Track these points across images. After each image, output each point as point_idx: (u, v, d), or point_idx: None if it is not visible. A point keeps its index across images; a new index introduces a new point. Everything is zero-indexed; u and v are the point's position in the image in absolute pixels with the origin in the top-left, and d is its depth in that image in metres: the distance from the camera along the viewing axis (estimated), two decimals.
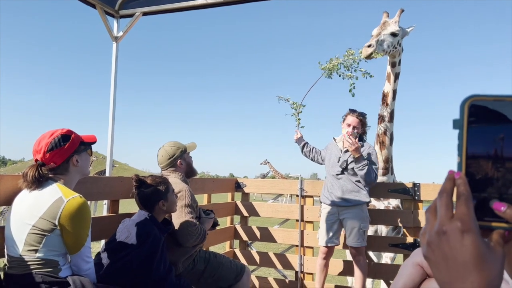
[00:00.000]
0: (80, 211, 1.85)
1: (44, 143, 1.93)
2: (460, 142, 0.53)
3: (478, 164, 0.52)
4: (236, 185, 4.45)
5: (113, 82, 3.83)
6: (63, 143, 1.96)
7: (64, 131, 2.01)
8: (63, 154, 1.96)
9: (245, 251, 4.39)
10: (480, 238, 0.50)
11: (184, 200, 2.57)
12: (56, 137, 1.96)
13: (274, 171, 26.79)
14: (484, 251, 0.49)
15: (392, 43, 3.77)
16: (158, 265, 2.25)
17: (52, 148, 1.93)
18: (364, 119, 3.54)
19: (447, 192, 0.53)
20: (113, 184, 2.78)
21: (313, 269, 4.09)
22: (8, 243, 1.85)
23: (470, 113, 0.52)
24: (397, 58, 3.91)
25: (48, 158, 1.92)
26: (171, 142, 2.84)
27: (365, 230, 3.43)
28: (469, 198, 0.51)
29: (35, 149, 1.95)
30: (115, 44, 3.93)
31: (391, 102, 3.92)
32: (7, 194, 2.00)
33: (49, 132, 2.00)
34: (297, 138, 3.87)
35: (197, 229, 2.55)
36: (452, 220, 0.51)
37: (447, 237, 0.51)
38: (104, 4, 3.68)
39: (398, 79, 3.96)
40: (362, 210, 3.43)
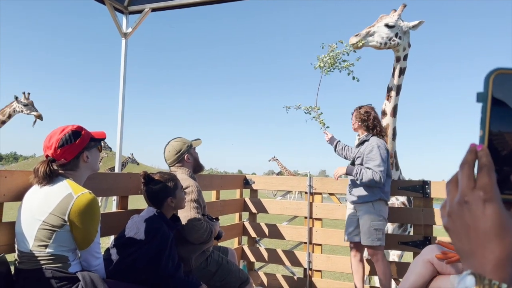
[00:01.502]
0: (89, 207, 1.86)
1: (55, 139, 1.95)
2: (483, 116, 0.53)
3: (501, 137, 0.52)
4: (245, 182, 4.45)
5: (122, 78, 3.84)
6: (74, 139, 1.98)
7: (74, 127, 2.03)
8: (74, 150, 1.98)
9: (254, 248, 4.39)
10: (502, 207, 0.50)
11: (191, 195, 2.57)
12: (67, 133, 1.97)
13: (282, 168, 26.74)
14: (505, 220, 0.50)
15: (388, 35, 3.72)
16: (166, 261, 2.26)
17: (63, 144, 1.95)
18: (358, 112, 3.47)
19: (468, 164, 0.53)
20: (122, 180, 2.80)
21: (322, 266, 4.08)
22: (18, 238, 1.87)
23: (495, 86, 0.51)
24: (401, 52, 3.85)
25: (59, 154, 1.94)
26: (177, 138, 2.87)
27: (377, 229, 3.30)
28: (492, 169, 0.51)
29: (46, 145, 1.97)
30: (124, 40, 3.94)
31: (395, 97, 3.88)
32: (17, 190, 2.02)
33: (59, 128, 2.01)
34: (328, 139, 3.82)
35: (202, 223, 2.56)
36: (474, 190, 0.51)
37: (469, 206, 0.51)
38: (113, 1, 3.69)
39: (403, 74, 3.90)
40: (374, 208, 3.34)
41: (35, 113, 7.20)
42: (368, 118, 3.43)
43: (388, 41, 3.73)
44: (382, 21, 3.76)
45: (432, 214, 3.69)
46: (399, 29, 3.76)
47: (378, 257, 3.37)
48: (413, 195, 3.78)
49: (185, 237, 2.54)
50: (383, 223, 3.35)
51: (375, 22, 3.80)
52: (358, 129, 3.52)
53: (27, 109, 7.15)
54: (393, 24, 3.72)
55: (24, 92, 7.28)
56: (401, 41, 3.79)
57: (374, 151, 3.31)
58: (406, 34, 3.83)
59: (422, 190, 3.71)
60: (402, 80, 3.90)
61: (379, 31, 3.72)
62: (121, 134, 3.97)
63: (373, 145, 3.33)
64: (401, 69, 3.87)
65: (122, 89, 3.86)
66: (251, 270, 4.41)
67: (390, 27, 3.72)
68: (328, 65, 3.52)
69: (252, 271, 4.40)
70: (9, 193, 2.00)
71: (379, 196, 3.34)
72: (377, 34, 3.72)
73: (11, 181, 2.01)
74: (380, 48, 3.76)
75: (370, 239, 3.32)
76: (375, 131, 3.44)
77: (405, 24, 3.80)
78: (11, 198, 2.01)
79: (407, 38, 3.85)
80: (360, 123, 3.46)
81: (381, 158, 3.29)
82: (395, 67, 3.91)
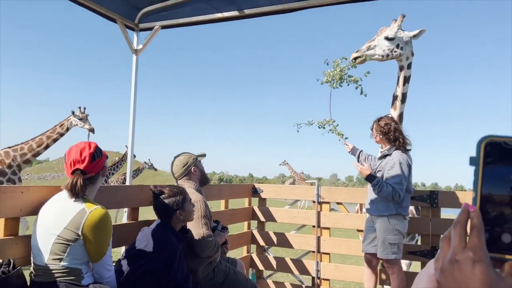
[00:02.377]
0: (101, 221, 1.94)
1: (87, 153, 2.07)
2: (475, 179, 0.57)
3: (492, 199, 0.56)
4: (253, 191, 4.50)
5: (133, 93, 3.96)
6: (101, 155, 2.14)
7: (95, 144, 2.16)
8: (100, 164, 2.13)
9: (262, 256, 4.44)
10: (490, 268, 0.53)
11: (200, 211, 2.65)
12: (95, 148, 2.12)
13: (293, 172, 26.67)
14: (494, 281, 0.52)
15: (389, 47, 3.76)
16: (176, 272, 2.33)
17: (95, 158, 2.08)
18: (377, 125, 3.46)
19: (461, 223, 0.56)
20: (132, 193, 2.88)
21: (330, 275, 4.10)
22: (34, 252, 1.96)
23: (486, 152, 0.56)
24: (404, 62, 3.89)
25: (90, 168, 2.06)
26: (183, 153, 2.99)
27: (392, 243, 3.27)
28: (482, 231, 0.54)
29: (75, 159, 2.05)
30: (135, 56, 4.05)
31: (400, 105, 3.91)
32: (33, 205, 2.11)
33: (85, 143, 2.13)
34: (350, 149, 3.83)
35: (212, 240, 2.64)
36: (464, 250, 0.54)
37: (459, 265, 0.54)
38: (125, 19, 3.81)
39: (408, 82, 3.93)
40: (389, 222, 3.30)
41: (87, 127, 7.69)
42: (389, 130, 3.37)
43: (390, 53, 3.77)
44: (382, 34, 3.80)
45: (439, 223, 3.70)
46: (399, 40, 3.79)
47: (394, 270, 3.36)
48: (420, 205, 3.79)
49: (197, 253, 2.61)
50: (399, 238, 3.30)
51: (375, 36, 3.85)
52: (380, 142, 3.49)
53: (82, 123, 7.65)
54: (392, 36, 3.76)
55: (79, 107, 7.85)
56: (403, 51, 3.82)
57: (395, 168, 3.26)
58: (407, 44, 3.86)
59: (429, 200, 3.72)
60: (407, 89, 3.93)
61: (380, 44, 3.77)
62: (132, 144, 4.07)
63: (395, 161, 3.29)
64: (405, 77, 3.91)
65: (132, 102, 3.97)
66: (259, 278, 4.45)
67: (390, 39, 3.76)
68: (336, 79, 3.56)
69: (260, 279, 4.45)
70: (26, 208, 2.09)
71: (395, 211, 3.30)
72: (378, 47, 3.76)
73: (27, 196, 2.11)
74: (383, 60, 3.80)
75: (385, 253, 3.31)
76: (397, 143, 3.37)
77: (406, 34, 3.84)
78: (27, 212, 2.10)
79: (409, 48, 3.88)
80: (382, 136, 3.42)
81: (402, 175, 3.24)
82: (399, 76, 3.95)
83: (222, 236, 2.87)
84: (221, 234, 2.87)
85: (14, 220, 2.09)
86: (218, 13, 3.73)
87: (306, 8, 3.63)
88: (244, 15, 3.61)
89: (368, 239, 3.51)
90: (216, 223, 2.90)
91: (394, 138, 3.39)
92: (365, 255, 3.58)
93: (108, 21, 3.68)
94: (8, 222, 2.06)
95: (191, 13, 3.76)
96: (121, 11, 3.79)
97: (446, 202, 3.72)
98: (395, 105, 3.92)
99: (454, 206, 3.71)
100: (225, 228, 2.93)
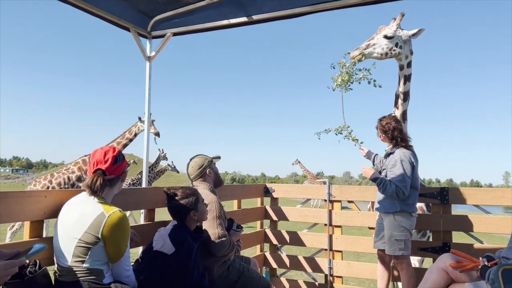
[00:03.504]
0: (120, 224, 2.04)
1: (110, 155, 2.18)
2: None
3: None
4: (265, 190, 4.58)
5: (147, 98, 4.08)
6: (123, 159, 2.25)
7: (120, 150, 2.28)
8: (121, 168, 2.24)
9: (275, 255, 4.51)
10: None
11: (215, 212, 2.74)
12: (118, 152, 2.23)
13: (305, 171, 26.64)
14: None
15: (388, 46, 3.79)
16: (192, 271, 2.42)
17: (117, 161, 2.19)
18: (380, 124, 3.55)
19: None
20: (149, 194, 2.99)
21: (343, 273, 4.16)
22: (57, 254, 2.06)
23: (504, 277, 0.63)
24: (404, 61, 3.92)
25: (112, 169, 2.17)
26: (199, 155, 3.08)
27: (398, 240, 3.33)
28: None
29: (98, 160, 2.17)
30: (148, 63, 4.17)
31: (402, 103, 3.94)
32: (56, 208, 2.22)
33: (110, 147, 2.24)
34: (365, 153, 3.89)
35: (227, 240, 2.73)
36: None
37: None
38: (138, 27, 3.94)
39: (409, 81, 3.96)
40: (395, 219, 3.37)
41: (153, 131, 8.15)
42: (389, 129, 3.48)
43: (389, 51, 3.81)
44: (381, 32, 3.83)
45: (450, 220, 3.72)
46: (398, 39, 3.83)
47: (403, 266, 3.42)
48: (431, 202, 3.82)
49: (212, 253, 2.71)
50: (405, 234, 3.35)
51: (374, 35, 3.88)
52: (384, 141, 3.59)
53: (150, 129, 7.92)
54: (391, 35, 3.79)
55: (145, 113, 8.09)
56: (402, 50, 3.85)
57: (397, 166, 3.34)
58: (406, 42, 3.89)
59: (440, 197, 3.75)
60: (408, 87, 3.96)
61: (379, 42, 3.80)
62: (147, 148, 4.18)
63: (396, 159, 3.37)
64: (406, 76, 3.94)
65: (147, 106, 4.09)
66: (273, 276, 4.53)
67: (389, 38, 3.79)
68: (345, 81, 3.58)
69: (274, 277, 4.53)
70: (48, 211, 2.21)
71: (399, 208, 3.35)
72: (377, 45, 3.80)
73: (50, 199, 2.23)
74: (382, 58, 3.83)
75: (392, 249, 3.37)
76: (394, 141, 3.48)
77: (405, 33, 3.87)
78: (50, 215, 2.22)
79: (408, 46, 3.91)
80: (384, 135, 3.53)
81: (404, 173, 3.30)
82: (399, 75, 3.99)
83: (237, 235, 2.97)
84: (236, 234, 2.96)
85: (39, 223, 2.21)
86: (227, 20, 3.83)
87: (313, 12, 3.68)
88: (252, 21, 3.70)
89: (379, 235, 3.59)
90: (230, 222, 3.00)
91: (391, 137, 3.49)
92: (378, 251, 3.65)
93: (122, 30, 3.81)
94: (33, 224, 2.18)
95: (201, 20, 3.87)
96: (134, 20, 3.92)
97: (457, 199, 3.74)
98: (398, 104, 3.97)
99: (464, 202, 3.73)
100: (240, 227, 3.03)
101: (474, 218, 3.65)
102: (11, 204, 2.04)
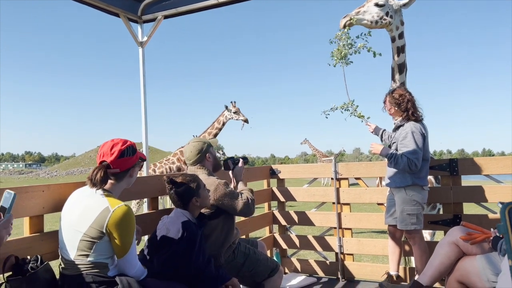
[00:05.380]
0: (125, 218, 1.98)
1: (117, 148, 2.10)
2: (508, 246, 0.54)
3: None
4: (271, 172, 4.54)
5: (142, 85, 4.01)
6: (132, 154, 2.16)
7: (132, 143, 2.19)
8: (129, 163, 2.15)
9: (285, 235, 4.50)
10: None
11: (224, 190, 2.73)
12: (128, 146, 2.14)
13: (314, 150, 26.61)
14: None
15: (378, 14, 3.68)
16: (197, 257, 2.39)
17: (123, 155, 2.11)
18: (391, 97, 3.43)
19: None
20: (151, 183, 2.96)
21: (353, 250, 4.13)
22: (61, 247, 2.04)
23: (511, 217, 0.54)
24: (395, 32, 3.82)
25: (117, 163, 2.09)
26: (195, 139, 2.98)
27: (410, 214, 3.28)
28: None
29: (105, 152, 2.10)
30: (141, 49, 4.08)
31: (399, 76, 3.86)
32: (55, 202, 2.20)
33: (120, 139, 2.16)
34: (373, 129, 3.80)
35: (242, 197, 2.78)
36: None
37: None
38: (127, 12, 3.83)
39: (403, 52, 3.86)
40: (406, 193, 3.31)
41: (242, 118, 8.30)
42: (403, 101, 3.37)
43: (379, 20, 3.70)
44: (372, 0, 3.72)
45: (461, 191, 3.65)
46: (389, 8, 3.73)
47: (415, 240, 3.37)
48: (440, 174, 3.74)
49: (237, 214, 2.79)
50: (417, 208, 3.30)
51: (365, 3, 3.79)
52: (395, 114, 3.48)
53: (236, 115, 8.33)
54: (383, 2, 3.69)
55: (231, 101, 8.50)
56: (392, 19, 3.75)
57: (408, 138, 3.26)
58: (397, 12, 3.78)
59: (449, 169, 3.67)
60: (403, 58, 3.87)
61: (369, 10, 3.70)
62: (146, 134, 4.14)
63: (407, 131, 3.29)
64: (399, 48, 3.85)
65: (143, 93, 4.02)
66: (284, 257, 4.52)
67: (380, 6, 3.68)
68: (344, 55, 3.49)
69: (285, 258, 4.52)
70: (48, 205, 2.19)
71: (411, 182, 3.29)
72: (367, 13, 3.70)
73: (48, 194, 2.20)
74: (372, 26, 3.73)
75: (404, 224, 3.33)
76: (406, 114, 3.37)
77: (396, 2, 3.77)
78: (50, 210, 2.19)
79: (398, 17, 3.81)
80: (397, 108, 3.41)
81: (415, 145, 3.23)
82: (392, 47, 3.88)
83: (241, 169, 3.04)
84: (240, 169, 3.04)
85: (38, 218, 2.18)
86: None
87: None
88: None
89: (390, 211, 3.53)
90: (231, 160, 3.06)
91: (405, 109, 3.37)
92: (388, 227, 3.61)
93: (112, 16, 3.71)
94: (33, 220, 2.16)
95: (192, 0, 3.74)
96: (123, 5, 3.81)
97: (466, 170, 3.66)
98: (394, 77, 3.89)
99: (474, 173, 3.65)
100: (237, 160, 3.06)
101: (485, 188, 3.56)
102: None
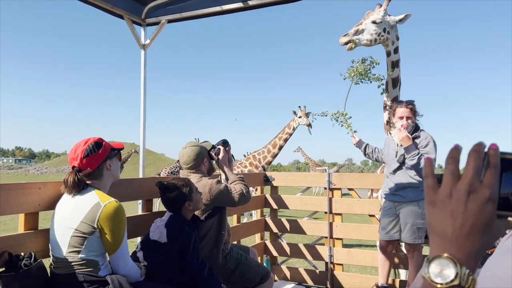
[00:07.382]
0: (116, 214, 2.02)
1: (80, 150, 2.11)
2: None
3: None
4: (265, 179, 4.56)
5: (142, 87, 4.03)
6: (97, 149, 2.15)
7: (96, 139, 2.20)
8: (98, 159, 2.15)
9: (276, 243, 4.51)
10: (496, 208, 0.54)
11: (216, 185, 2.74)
12: (90, 144, 2.14)
13: (307, 158, 26.67)
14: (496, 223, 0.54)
15: (376, 31, 3.75)
16: (191, 259, 2.39)
17: (88, 154, 2.11)
18: (414, 106, 3.48)
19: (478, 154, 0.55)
20: (146, 185, 2.97)
21: (343, 260, 4.16)
22: (53, 245, 2.05)
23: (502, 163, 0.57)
24: (391, 47, 3.89)
25: (85, 164, 2.10)
26: (191, 143, 2.93)
27: (420, 227, 3.31)
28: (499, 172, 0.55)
29: (71, 157, 2.14)
30: (143, 51, 4.10)
31: (391, 90, 3.93)
32: (51, 200, 2.20)
33: (83, 140, 2.18)
34: (356, 142, 3.85)
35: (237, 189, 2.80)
36: (481, 186, 0.54)
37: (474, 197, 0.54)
38: (131, 14, 3.87)
39: (397, 67, 3.94)
40: (419, 207, 3.32)
41: (304, 123, 8.52)
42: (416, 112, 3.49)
43: (377, 37, 3.77)
44: (369, 18, 3.79)
45: None
46: (386, 24, 3.80)
47: (414, 254, 3.39)
48: None
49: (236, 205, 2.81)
50: (425, 222, 3.33)
51: (362, 20, 3.85)
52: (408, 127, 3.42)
53: (302, 121, 8.51)
54: (380, 20, 3.76)
55: (299, 106, 8.67)
56: (389, 35, 3.82)
57: (430, 145, 3.33)
58: (393, 28, 3.87)
59: None
60: (397, 73, 3.96)
61: (367, 28, 3.76)
62: (144, 136, 4.15)
63: (429, 139, 3.35)
64: (393, 62, 3.92)
65: (143, 95, 4.03)
66: (274, 264, 4.53)
67: (377, 24, 3.75)
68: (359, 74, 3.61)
69: (275, 265, 4.53)
70: (43, 203, 2.19)
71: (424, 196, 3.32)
72: (366, 31, 3.76)
73: (44, 191, 2.20)
74: (371, 45, 3.81)
75: (412, 237, 3.33)
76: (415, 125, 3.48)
77: (392, 18, 3.84)
78: (45, 207, 2.20)
79: (394, 32, 3.88)
80: (415, 118, 3.47)
81: (435, 153, 3.33)
82: (387, 61, 3.96)
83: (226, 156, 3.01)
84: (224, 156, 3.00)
85: (33, 215, 2.18)
86: (223, 5, 3.74)
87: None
88: (248, 6, 3.61)
89: (387, 228, 3.49)
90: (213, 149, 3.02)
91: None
92: (380, 241, 3.59)
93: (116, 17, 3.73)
94: (28, 217, 2.16)
95: (197, 6, 3.79)
96: (127, 7, 3.83)
97: None
98: (387, 91, 3.96)
99: None
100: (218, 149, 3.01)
101: None
102: (5, 197, 2.01)
